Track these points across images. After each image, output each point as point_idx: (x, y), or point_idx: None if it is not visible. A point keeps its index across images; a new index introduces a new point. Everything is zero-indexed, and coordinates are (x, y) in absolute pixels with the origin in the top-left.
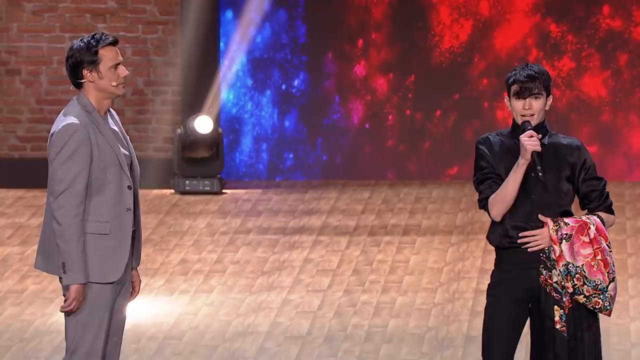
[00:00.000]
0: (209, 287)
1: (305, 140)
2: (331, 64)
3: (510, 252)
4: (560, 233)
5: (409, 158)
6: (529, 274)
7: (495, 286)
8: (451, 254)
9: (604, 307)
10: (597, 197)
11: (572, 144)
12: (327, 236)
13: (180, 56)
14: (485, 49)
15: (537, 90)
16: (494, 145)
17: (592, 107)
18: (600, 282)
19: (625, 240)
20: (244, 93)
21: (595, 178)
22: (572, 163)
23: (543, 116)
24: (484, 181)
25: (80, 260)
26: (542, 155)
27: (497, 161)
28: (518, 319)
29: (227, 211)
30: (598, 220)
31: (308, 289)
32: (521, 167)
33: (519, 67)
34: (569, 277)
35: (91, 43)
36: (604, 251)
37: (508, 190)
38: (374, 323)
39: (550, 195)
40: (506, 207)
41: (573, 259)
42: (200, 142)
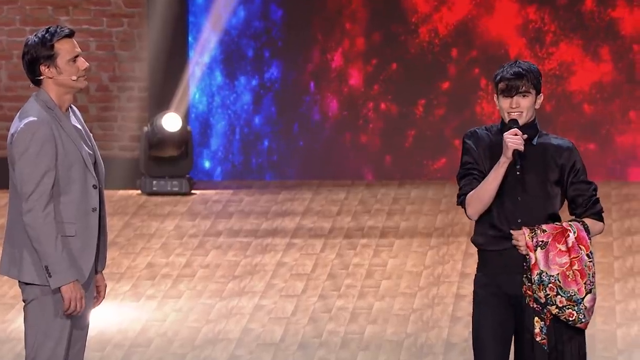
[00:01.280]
0: (177, 292)
1: (278, 138)
2: (305, 57)
3: (494, 255)
4: (535, 240)
5: (387, 156)
6: (514, 279)
7: (480, 291)
8: (430, 257)
9: (579, 320)
10: (584, 202)
11: (562, 145)
12: (301, 239)
13: (147, 50)
14: (469, 38)
15: (524, 88)
16: (480, 140)
17: (577, 102)
18: (574, 293)
19: (612, 242)
20: (214, 89)
21: (584, 182)
22: (561, 165)
23: (532, 115)
24: (465, 177)
25: (63, 260)
26: (529, 156)
27: (481, 157)
28: (508, 324)
29: (196, 213)
30: (581, 227)
31: (281, 294)
32: (502, 165)
33: (507, 64)
34: (541, 287)
35: (46, 37)
36: (581, 261)
37: (486, 188)
38: (350, 329)
39: (535, 198)
40: (484, 206)
41: (547, 267)
42: (168, 140)
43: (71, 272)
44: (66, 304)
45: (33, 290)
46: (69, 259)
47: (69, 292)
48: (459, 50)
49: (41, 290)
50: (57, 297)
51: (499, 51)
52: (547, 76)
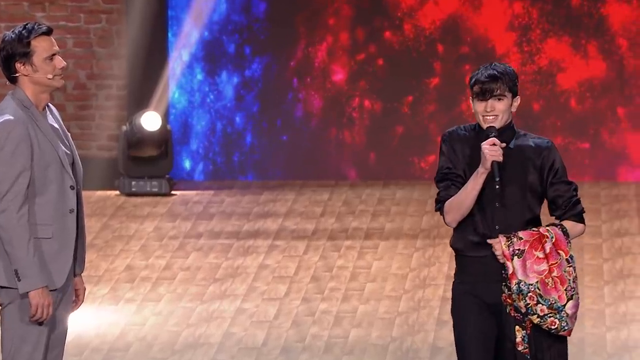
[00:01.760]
0: (157, 295)
1: (260, 137)
2: (288, 53)
3: (473, 261)
4: (512, 249)
5: (372, 156)
6: (493, 287)
7: (461, 299)
8: (416, 260)
9: (561, 327)
10: (564, 203)
11: (540, 145)
12: (284, 241)
13: (125, 47)
14: (456, 34)
15: (499, 91)
16: (458, 141)
17: (565, 101)
18: (555, 301)
19: (601, 244)
20: (195, 87)
21: (563, 182)
22: (540, 165)
23: (509, 118)
24: (443, 181)
25: (34, 264)
26: (507, 160)
27: (459, 160)
28: (490, 332)
29: (176, 214)
30: (559, 232)
31: (263, 297)
32: (480, 175)
33: (482, 66)
34: (521, 296)
35: (23, 34)
36: (560, 267)
37: (465, 197)
38: (334, 333)
39: (515, 204)
40: (462, 215)
41: (525, 276)
42: (147, 139)
43: (41, 277)
44: (33, 310)
45: (9, 293)
46: (40, 264)
47: (37, 298)
48: (445, 46)
49: (18, 294)
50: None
51: (486, 47)
52: (535, 74)
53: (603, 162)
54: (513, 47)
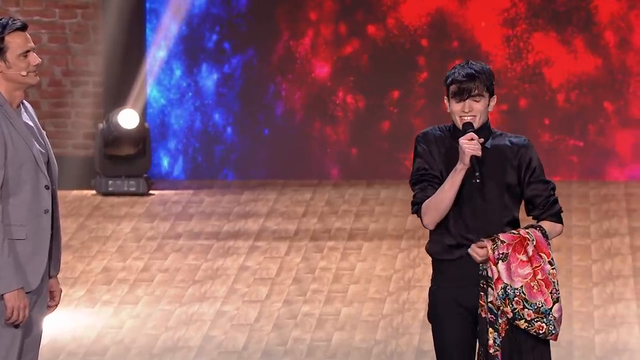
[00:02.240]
0: (134, 297)
1: (241, 135)
2: (269, 48)
3: (450, 265)
4: (497, 253)
5: (355, 154)
6: (470, 291)
7: (437, 308)
8: (401, 261)
9: (549, 332)
10: (541, 203)
11: (517, 144)
12: (265, 241)
13: (102, 43)
14: (441, 28)
15: (477, 91)
16: (433, 142)
17: (552, 97)
18: (542, 305)
19: (590, 245)
20: (173, 83)
21: (541, 181)
22: (517, 164)
23: (486, 118)
24: (419, 183)
25: (9, 266)
26: (484, 160)
27: (435, 161)
28: (471, 339)
29: (154, 214)
30: (539, 234)
31: (244, 299)
32: (459, 172)
33: (458, 65)
34: (507, 301)
35: None
36: (544, 269)
37: (443, 197)
38: (317, 337)
39: (494, 205)
40: (440, 215)
41: (510, 280)
42: (124, 138)
43: (16, 279)
44: (8, 312)
45: None
46: (15, 265)
47: (12, 300)
48: (430, 41)
49: None
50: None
51: (472, 42)
52: (522, 70)
53: (592, 160)
54: (500, 42)
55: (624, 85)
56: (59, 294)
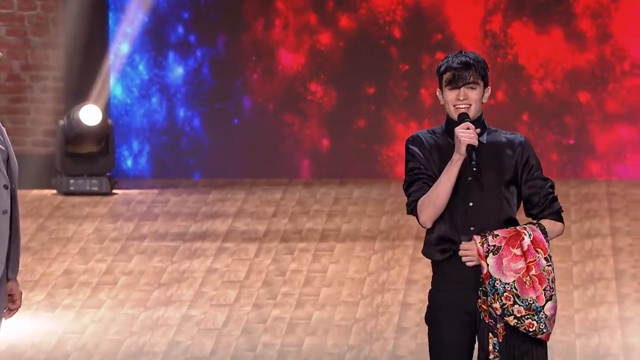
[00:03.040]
0: (97, 301)
1: (207, 132)
2: (235, 40)
3: (447, 268)
4: (486, 246)
5: (327, 152)
6: (471, 294)
7: (435, 311)
8: (375, 263)
9: (539, 330)
10: (540, 201)
11: (513, 140)
12: (234, 243)
13: (62, 36)
14: (415, 15)
15: (472, 78)
16: (426, 144)
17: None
18: (533, 301)
19: (570, 246)
20: (137, 78)
21: (539, 179)
22: (515, 162)
23: (480, 110)
24: (414, 183)
25: None
26: (479, 157)
27: (429, 162)
28: (468, 345)
29: (118, 214)
30: (537, 230)
31: (211, 303)
32: (455, 163)
33: (451, 54)
34: (496, 296)
35: None
36: (539, 265)
37: (440, 190)
38: (287, 341)
39: (490, 201)
40: (437, 211)
41: (501, 274)
42: (86, 135)
43: None
44: None
45: None
46: None
47: None
48: (401, 30)
49: None
50: None
51: (449, 33)
52: (501, 62)
53: (572, 157)
54: (476, 33)
55: (605, 81)
56: (19, 296)
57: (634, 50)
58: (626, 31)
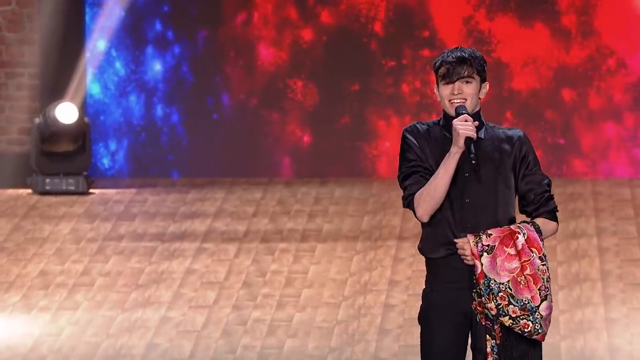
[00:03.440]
0: (73, 303)
1: (186, 131)
2: (213, 35)
3: (442, 266)
4: (480, 245)
5: (308, 150)
6: (465, 294)
7: (429, 310)
8: (357, 263)
9: (535, 331)
10: (536, 198)
11: (512, 136)
12: (213, 243)
13: (38, 32)
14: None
15: (467, 73)
16: (423, 135)
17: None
18: (528, 301)
19: (555, 246)
20: (114, 75)
21: (536, 175)
22: (513, 157)
23: (477, 105)
24: (411, 175)
25: None
26: (477, 152)
27: (426, 154)
28: (461, 347)
29: (95, 214)
30: (531, 228)
31: (190, 304)
32: (453, 156)
33: (448, 49)
34: (491, 296)
35: None
36: (533, 264)
37: (437, 184)
38: (268, 344)
39: (487, 198)
40: (435, 205)
41: (496, 274)
42: (62, 133)
43: None
44: None
45: None
46: None
47: None
48: (384, 26)
49: None
50: None
51: (431, 27)
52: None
53: (556, 155)
54: (459, 29)
55: (590, 79)
56: None
57: (619, 47)
58: (611, 28)
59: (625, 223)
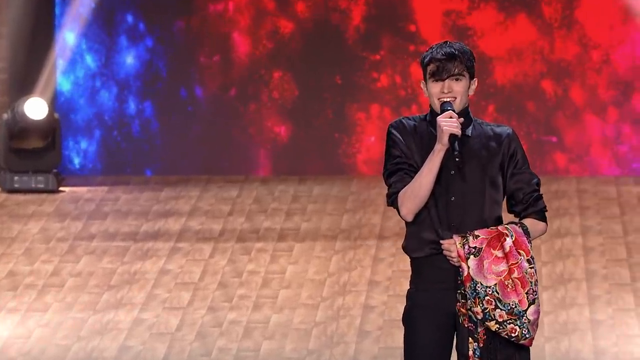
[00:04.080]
0: (43, 304)
1: (160, 127)
2: (187, 26)
3: (427, 266)
4: (467, 247)
5: (285, 146)
6: (451, 294)
7: (413, 311)
8: (335, 263)
9: (522, 336)
10: (524, 198)
11: (500, 133)
12: (188, 242)
13: (6, 26)
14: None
15: (457, 70)
16: (409, 131)
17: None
18: (515, 305)
19: (540, 246)
20: (85, 70)
21: (525, 174)
22: (501, 155)
23: (466, 102)
24: (395, 172)
25: None
26: (464, 150)
27: (411, 150)
28: (445, 348)
29: (65, 213)
30: (519, 230)
31: (164, 306)
32: (437, 153)
33: (436, 44)
34: (477, 300)
35: None
36: (521, 268)
37: (422, 182)
38: (244, 346)
39: (473, 197)
40: (419, 204)
41: (482, 277)
42: (31, 129)
43: None
44: None
45: None
46: None
47: None
48: (362, 16)
49: None
50: None
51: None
52: None
53: (540, 152)
54: (439, 19)
55: (571, 74)
56: None
57: (603, 40)
58: (594, 20)
59: (610, 222)
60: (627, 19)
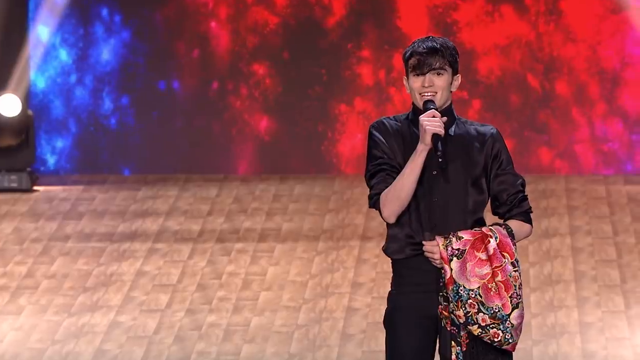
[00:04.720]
0: (16, 307)
1: (136, 124)
2: (165, 19)
3: (408, 268)
4: (450, 249)
5: (266, 145)
6: (433, 297)
7: (394, 313)
8: (318, 265)
9: (505, 340)
10: (509, 199)
11: (484, 133)
12: (166, 243)
13: None
14: None
15: (438, 64)
16: (390, 131)
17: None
18: (499, 309)
19: (527, 246)
20: (60, 66)
21: (509, 175)
22: (484, 156)
23: (448, 98)
24: (377, 174)
25: None
26: (447, 150)
27: (393, 151)
28: (427, 351)
29: (39, 213)
30: (503, 232)
31: (142, 308)
32: (420, 154)
33: (418, 39)
34: (460, 303)
35: None
36: (505, 271)
37: (404, 183)
38: (224, 349)
39: (455, 198)
40: (401, 205)
41: (465, 280)
42: (4, 127)
43: None
44: None
45: None
46: None
47: None
48: (346, 10)
49: None
50: None
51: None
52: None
53: (528, 150)
54: (423, 11)
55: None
56: None
57: (588, 34)
58: (578, 13)
59: (600, 222)
60: (614, 12)
